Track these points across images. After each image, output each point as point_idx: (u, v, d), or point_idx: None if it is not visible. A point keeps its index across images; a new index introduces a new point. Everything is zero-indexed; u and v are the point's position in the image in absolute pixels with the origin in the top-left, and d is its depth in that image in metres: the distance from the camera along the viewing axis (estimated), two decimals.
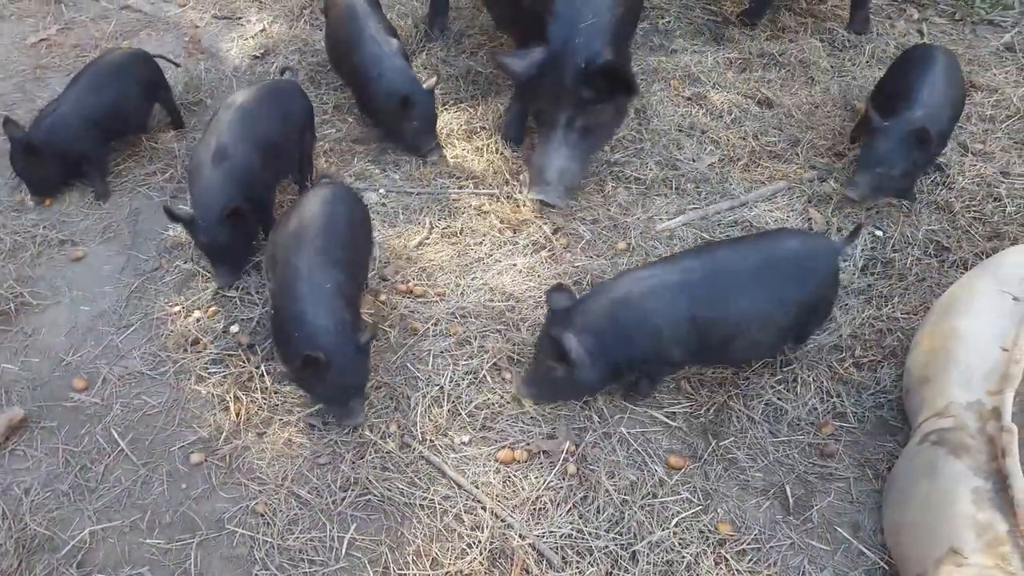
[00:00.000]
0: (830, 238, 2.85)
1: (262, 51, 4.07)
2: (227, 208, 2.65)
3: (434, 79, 3.37)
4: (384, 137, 3.51)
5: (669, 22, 4.31)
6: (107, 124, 3.21)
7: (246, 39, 4.16)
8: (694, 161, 3.46)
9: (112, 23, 4.22)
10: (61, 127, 3.07)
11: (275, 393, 2.56)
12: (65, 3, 4.32)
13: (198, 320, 2.77)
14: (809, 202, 3.25)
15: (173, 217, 2.68)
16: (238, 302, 2.83)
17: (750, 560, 2.19)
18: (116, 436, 2.44)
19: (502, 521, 2.24)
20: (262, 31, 4.22)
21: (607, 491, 2.31)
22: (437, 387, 2.57)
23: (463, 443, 2.43)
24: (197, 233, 2.71)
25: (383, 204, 3.26)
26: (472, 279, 2.94)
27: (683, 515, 2.27)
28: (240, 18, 4.33)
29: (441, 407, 2.52)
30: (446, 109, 3.70)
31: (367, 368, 2.46)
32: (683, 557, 2.16)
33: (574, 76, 2.93)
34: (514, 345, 2.69)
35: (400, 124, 3.35)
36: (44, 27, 4.17)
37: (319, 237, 2.47)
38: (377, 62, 3.35)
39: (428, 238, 3.12)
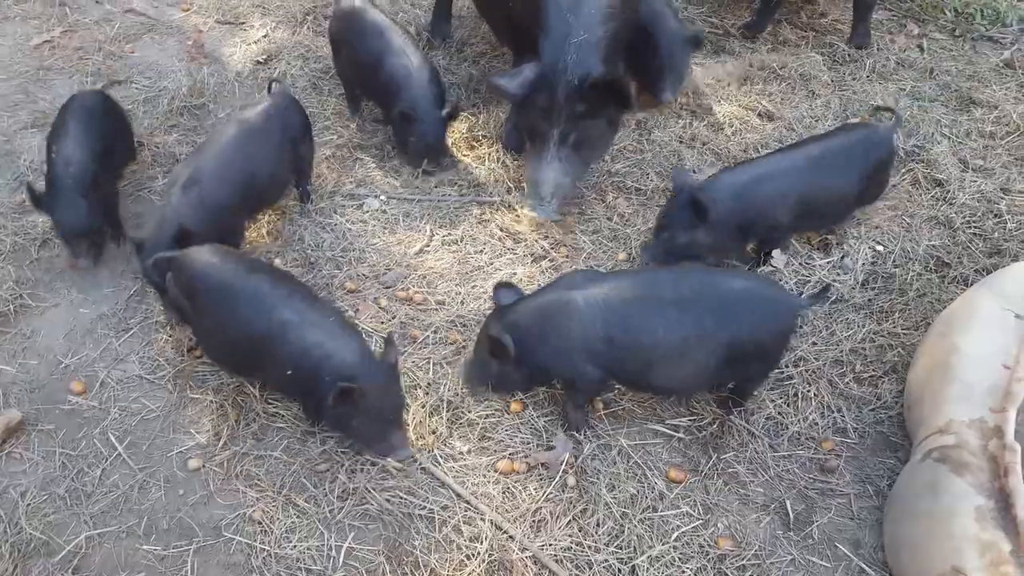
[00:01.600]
0: (793, 294, 2.74)
1: (265, 56, 4.06)
2: (179, 231, 2.53)
3: (448, 106, 3.34)
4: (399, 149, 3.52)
5: None
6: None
7: (249, 44, 4.16)
8: (695, 173, 3.46)
9: (115, 26, 4.21)
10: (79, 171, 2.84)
11: (273, 401, 2.54)
12: (69, 6, 4.32)
13: None
14: None
15: (136, 246, 2.61)
16: None
17: None
18: (114, 440, 2.43)
19: (503, 532, 2.23)
20: (265, 36, 4.22)
21: (607, 504, 2.30)
22: (436, 396, 2.56)
23: (462, 453, 2.42)
24: (144, 258, 2.56)
25: (384, 211, 3.26)
26: (472, 287, 2.94)
27: (683, 529, 2.26)
28: (243, 23, 4.33)
29: (440, 416, 2.51)
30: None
31: (401, 390, 2.38)
32: (683, 572, 2.16)
33: (567, 92, 2.93)
34: None
35: (404, 139, 3.36)
36: (48, 29, 4.16)
37: (280, 284, 2.35)
38: (402, 76, 3.29)
39: (428, 246, 3.12)
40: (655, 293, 2.33)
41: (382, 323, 2.78)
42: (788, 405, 2.60)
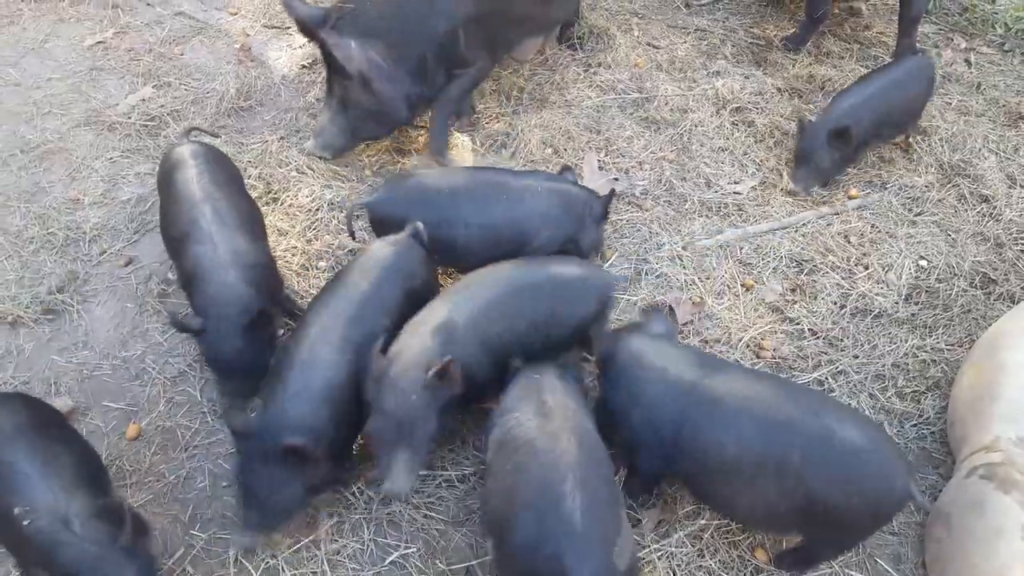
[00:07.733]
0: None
1: (310, 60, 4.13)
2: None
3: None
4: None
5: (713, 44, 4.32)
6: None
7: (295, 49, 4.23)
8: (736, 183, 3.46)
9: (166, 29, 4.31)
10: None
11: None
12: (121, 8, 4.43)
13: None
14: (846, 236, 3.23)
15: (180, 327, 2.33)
16: None
17: None
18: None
19: None
20: (310, 41, 4.29)
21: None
22: None
23: None
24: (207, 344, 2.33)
25: None
26: None
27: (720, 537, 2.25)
28: (289, 28, 4.40)
29: None
30: (487, 122, 3.75)
31: None
32: None
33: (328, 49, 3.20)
34: None
35: None
36: (101, 30, 4.28)
37: None
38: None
39: None
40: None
41: None
42: None
